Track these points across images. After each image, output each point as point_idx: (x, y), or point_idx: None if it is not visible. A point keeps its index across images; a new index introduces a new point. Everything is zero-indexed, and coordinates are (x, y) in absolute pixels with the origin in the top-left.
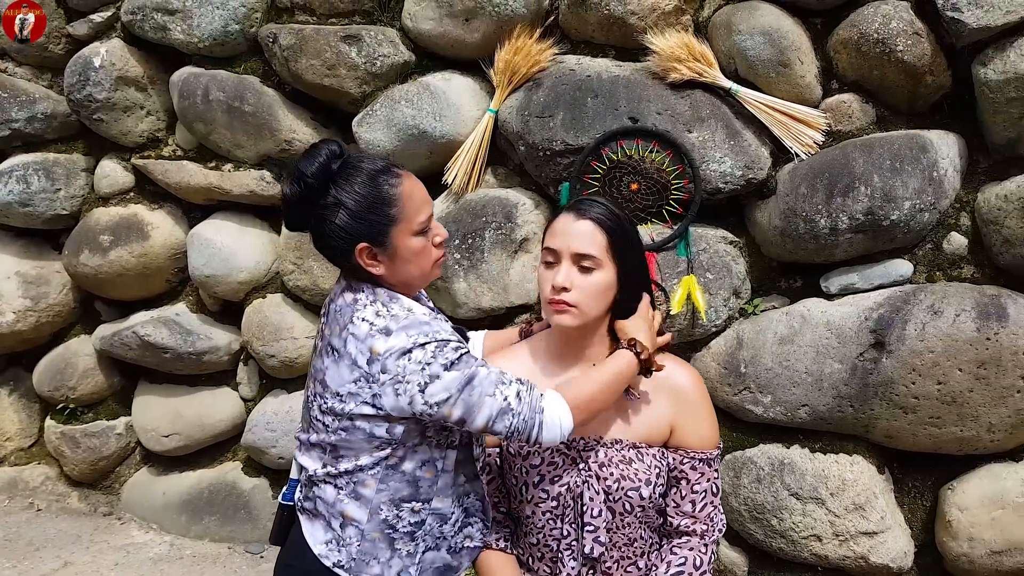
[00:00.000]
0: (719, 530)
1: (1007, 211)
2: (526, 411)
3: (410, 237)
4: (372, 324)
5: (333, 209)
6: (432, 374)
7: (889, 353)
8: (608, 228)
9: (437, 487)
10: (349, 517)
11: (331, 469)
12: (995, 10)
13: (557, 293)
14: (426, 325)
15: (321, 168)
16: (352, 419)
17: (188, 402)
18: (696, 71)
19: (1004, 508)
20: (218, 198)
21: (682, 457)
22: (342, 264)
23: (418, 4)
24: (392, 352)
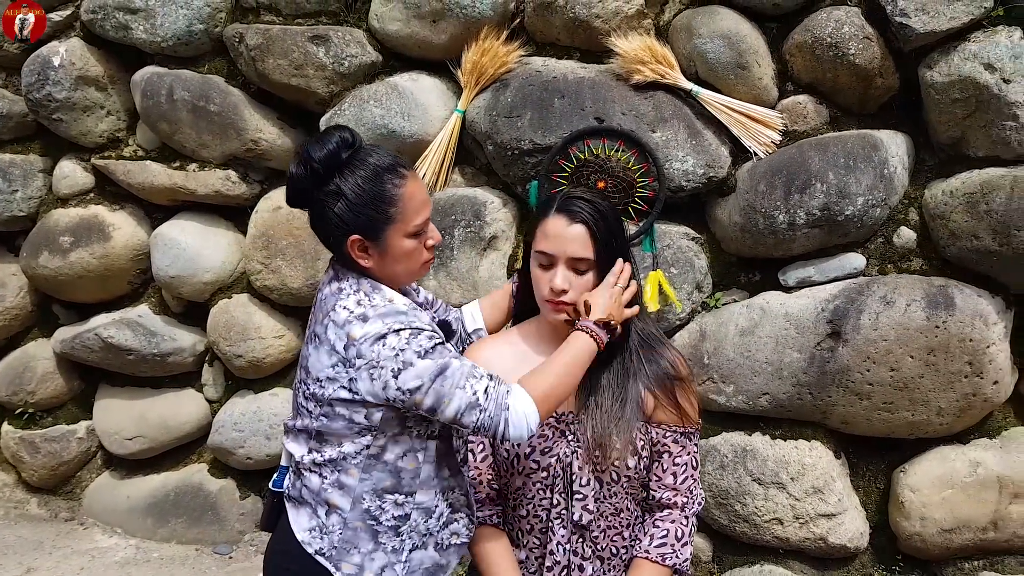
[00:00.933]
0: (698, 503)
1: (952, 206)
2: (492, 407)
3: (404, 238)
4: (351, 311)
5: (334, 197)
6: (406, 360)
7: (845, 342)
8: (599, 229)
9: (420, 479)
10: (333, 505)
11: (316, 456)
12: (940, 16)
13: (556, 295)
14: (403, 314)
15: (329, 155)
16: (332, 404)
17: (152, 404)
18: (659, 73)
19: (953, 488)
20: (182, 198)
21: (664, 431)
22: (333, 250)
23: (385, 5)
24: (368, 337)
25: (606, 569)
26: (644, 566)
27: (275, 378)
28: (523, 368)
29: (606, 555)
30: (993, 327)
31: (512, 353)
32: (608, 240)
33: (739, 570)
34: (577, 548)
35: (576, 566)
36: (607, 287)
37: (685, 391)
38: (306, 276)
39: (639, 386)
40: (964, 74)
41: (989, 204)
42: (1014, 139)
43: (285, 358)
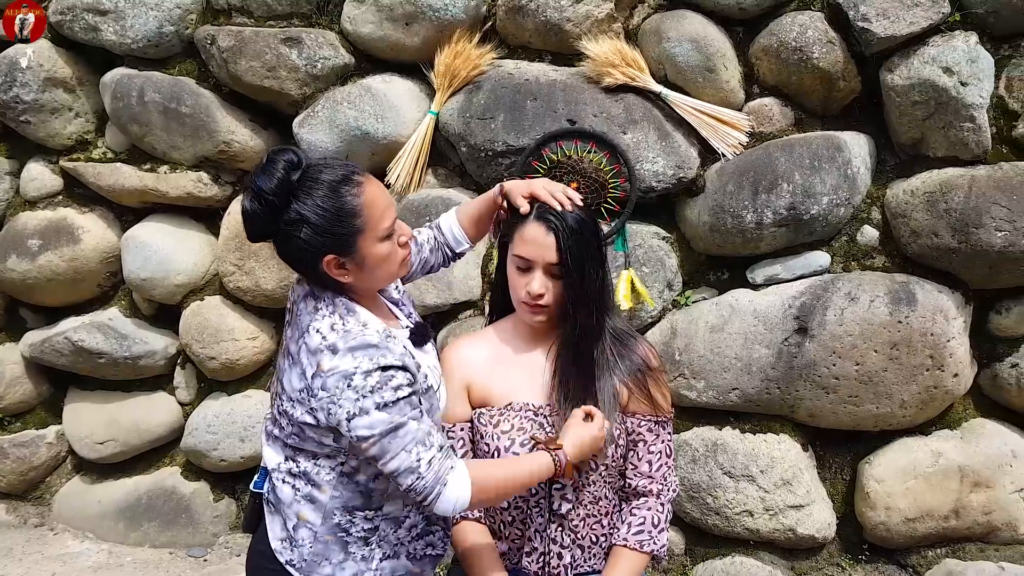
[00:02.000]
0: (673, 490)
1: (913, 205)
2: (430, 479)
3: (377, 244)
4: (324, 338)
5: (297, 225)
6: (363, 408)
7: (811, 338)
8: (576, 239)
9: (388, 493)
10: (303, 519)
11: (292, 466)
12: (900, 21)
13: (534, 299)
14: (374, 348)
15: (280, 183)
16: (300, 427)
17: (123, 408)
18: (629, 76)
19: (916, 478)
20: (153, 200)
21: (639, 420)
22: (308, 276)
23: (357, 8)
24: (335, 372)
25: (586, 557)
26: (623, 553)
27: (249, 380)
28: (500, 366)
29: (586, 543)
30: (953, 322)
31: (490, 351)
32: (585, 246)
33: (711, 562)
34: (556, 537)
35: (555, 554)
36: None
37: (657, 382)
38: (280, 277)
39: (614, 379)
40: (923, 77)
41: (948, 203)
42: (971, 140)
43: (259, 360)
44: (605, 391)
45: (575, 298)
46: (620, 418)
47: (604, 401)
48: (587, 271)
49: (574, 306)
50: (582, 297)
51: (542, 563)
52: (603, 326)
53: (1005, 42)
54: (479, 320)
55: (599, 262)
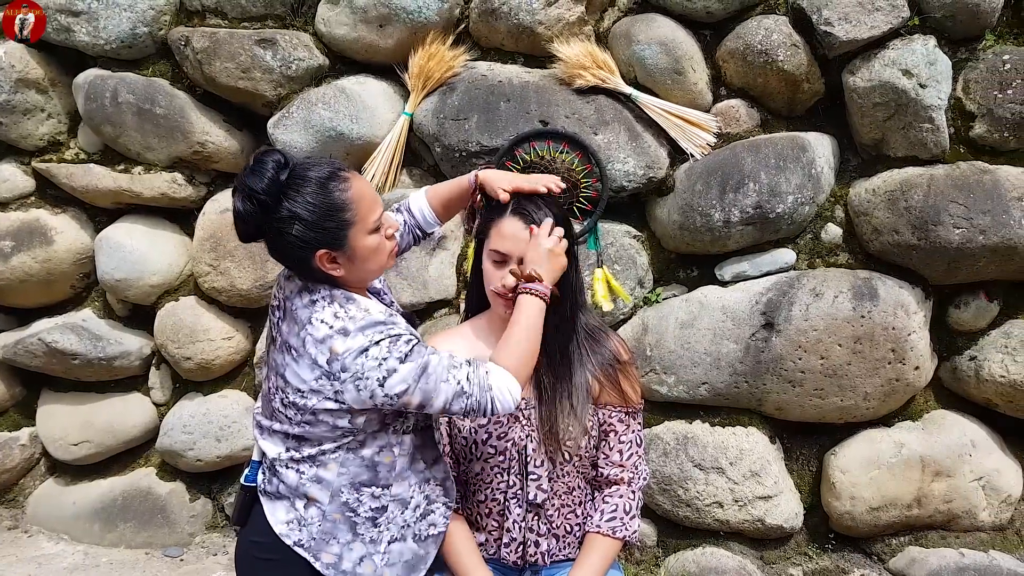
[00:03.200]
0: (644, 477)
1: (875, 203)
2: (476, 391)
3: (366, 236)
4: (331, 326)
5: (288, 222)
6: (389, 368)
7: (778, 332)
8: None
9: (395, 472)
10: (312, 498)
11: (294, 454)
12: (861, 25)
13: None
14: (381, 324)
15: (271, 182)
16: (315, 414)
17: (98, 409)
18: (600, 78)
19: (880, 468)
20: (127, 201)
21: (610, 412)
22: (301, 271)
23: (332, 10)
24: (351, 352)
25: (561, 546)
26: (597, 540)
27: (224, 380)
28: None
29: (561, 532)
30: (914, 316)
31: (466, 347)
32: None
33: (683, 553)
34: (533, 525)
35: (532, 542)
36: (537, 246)
37: (627, 375)
38: (255, 277)
39: (586, 373)
40: (884, 79)
41: (908, 201)
42: (930, 140)
43: (235, 360)
44: (579, 385)
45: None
46: (592, 410)
47: (579, 394)
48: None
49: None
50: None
51: (520, 553)
52: (576, 321)
53: (962, 45)
54: (454, 318)
55: (572, 259)
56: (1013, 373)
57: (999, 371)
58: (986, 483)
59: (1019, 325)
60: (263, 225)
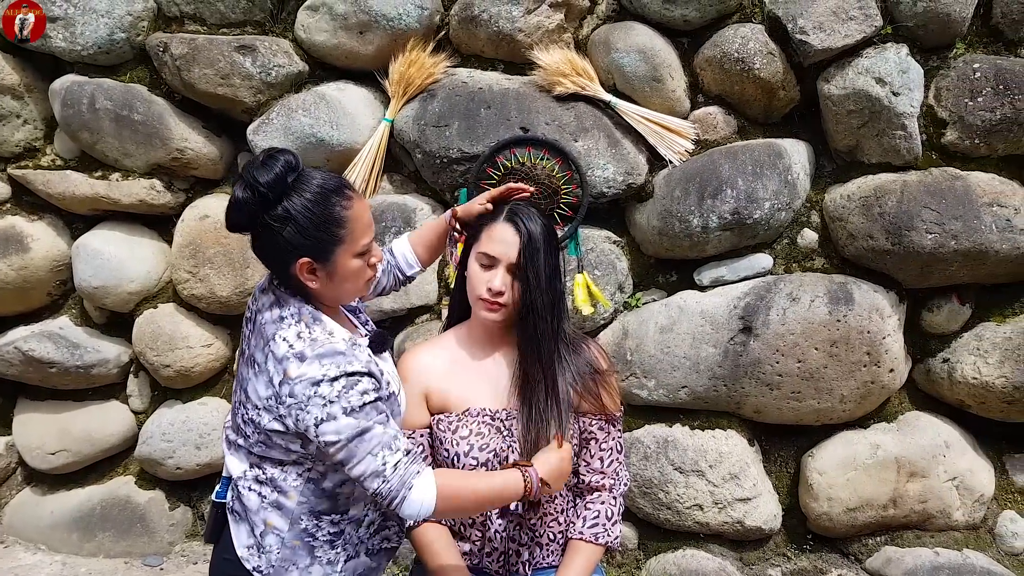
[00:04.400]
0: (625, 483)
1: (850, 209)
2: (395, 483)
3: (352, 258)
4: (291, 346)
5: (282, 221)
6: (330, 413)
7: (756, 336)
8: (539, 243)
9: (353, 498)
10: (271, 525)
11: (258, 473)
12: (835, 34)
13: (493, 296)
14: (341, 355)
15: (277, 179)
16: (269, 435)
17: (75, 417)
18: (579, 85)
19: (856, 470)
20: (105, 208)
21: (590, 420)
22: (278, 273)
23: (312, 16)
24: (303, 379)
25: (544, 554)
26: (579, 547)
27: (204, 387)
28: (458, 372)
29: (544, 540)
30: (888, 320)
31: (447, 358)
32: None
33: (663, 555)
34: (515, 535)
35: (514, 552)
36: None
37: (606, 382)
38: (235, 284)
39: (567, 383)
40: (858, 87)
41: (882, 207)
42: (903, 147)
43: (214, 367)
44: (561, 394)
45: (534, 299)
46: (573, 419)
47: (561, 404)
48: (547, 273)
49: (532, 307)
50: (540, 298)
51: (503, 562)
52: (559, 330)
53: (934, 54)
54: (436, 324)
55: (557, 267)
56: (985, 375)
57: (971, 373)
58: (960, 483)
59: (990, 328)
60: (256, 219)
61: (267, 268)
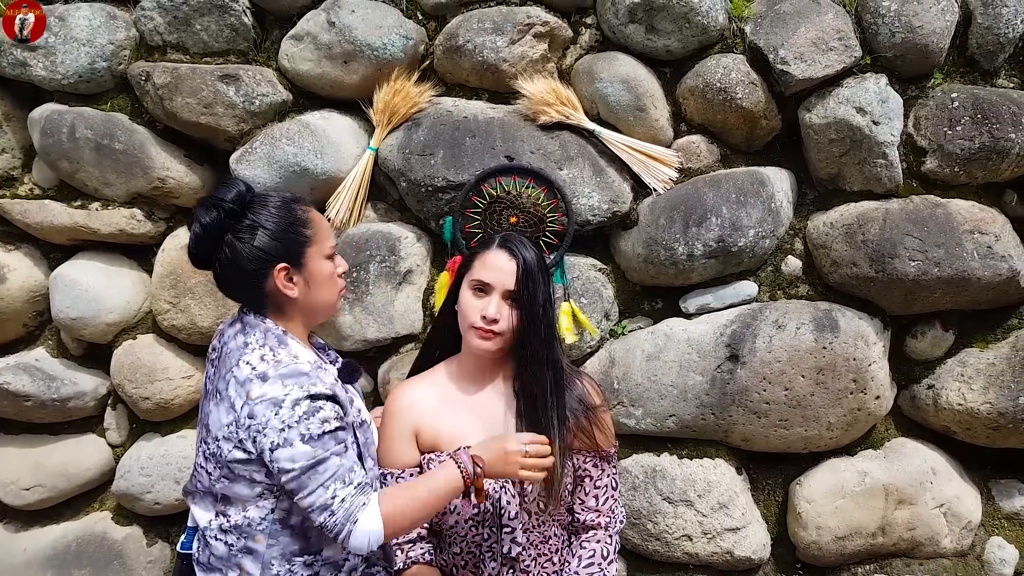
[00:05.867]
0: (620, 521)
1: (833, 236)
2: (340, 517)
3: (323, 260)
4: (254, 368)
5: (251, 231)
6: (287, 439)
7: (743, 364)
8: (534, 269)
9: (326, 538)
10: (244, 569)
11: (223, 521)
12: (816, 64)
13: (488, 324)
14: (304, 376)
15: (239, 195)
16: (231, 467)
17: (51, 451)
18: (563, 114)
19: (844, 497)
20: (84, 238)
21: (584, 457)
22: (251, 296)
23: (296, 45)
24: (263, 399)
25: None
26: None
27: (183, 420)
28: (448, 408)
29: None
30: (873, 346)
31: (438, 393)
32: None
33: None
34: None
35: None
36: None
37: (599, 419)
38: (217, 315)
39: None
40: (839, 117)
41: (865, 235)
42: (884, 175)
43: (194, 399)
44: (558, 426)
45: (531, 326)
46: (568, 455)
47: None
48: (541, 301)
49: (529, 335)
50: (537, 326)
51: None
52: (555, 358)
53: (912, 83)
54: None
55: (550, 294)
56: (970, 401)
57: (956, 399)
58: (947, 510)
59: (974, 354)
60: (222, 240)
61: (236, 299)
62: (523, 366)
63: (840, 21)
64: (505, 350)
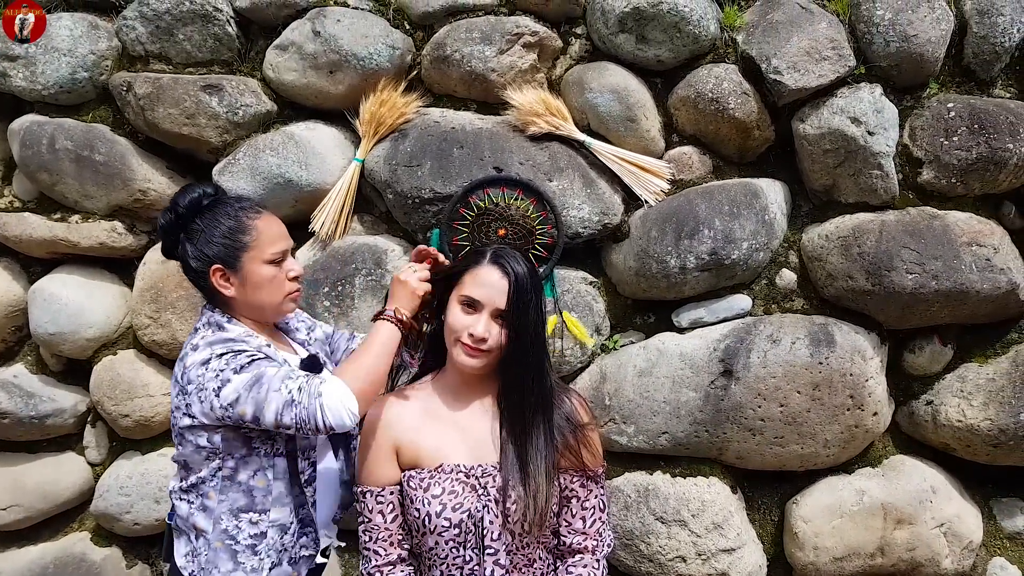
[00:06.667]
0: (608, 544)
1: (829, 249)
2: (306, 400)
3: (261, 265)
4: (193, 344)
5: (195, 234)
6: (224, 379)
7: (737, 380)
8: (526, 287)
9: (272, 496)
10: (199, 528)
11: (183, 483)
12: (809, 73)
13: (476, 342)
14: (231, 341)
15: (193, 201)
16: (182, 434)
17: (28, 470)
18: (553, 125)
19: (842, 517)
20: (63, 251)
21: (572, 477)
22: (201, 287)
23: (280, 55)
24: (195, 364)
25: None
26: None
27: (164, 437)
28: (430, 424)
29: None
30: (870, 362)
31: (419, 408)
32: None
33: None
34: None
35: None
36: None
37: (588, 437)
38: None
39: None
40: (833, 127)
41: (861, 247)
42: (880, 187)
43: None
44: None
45: (520, 346)
46: (554, 474)
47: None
48: (532, 320)
49: (518, 354)
50: (524, 345)
51: None
52: (543, 377)
53: (907, 93)
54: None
55: (541, 312)
56: (970, 417)
57: (956, 415)
58: (947, 529)
59: (973, 369)
60: (178, 238)
61: (195, 287)
62: (510, 383)
63: (833, 30)
64: (492, 366)
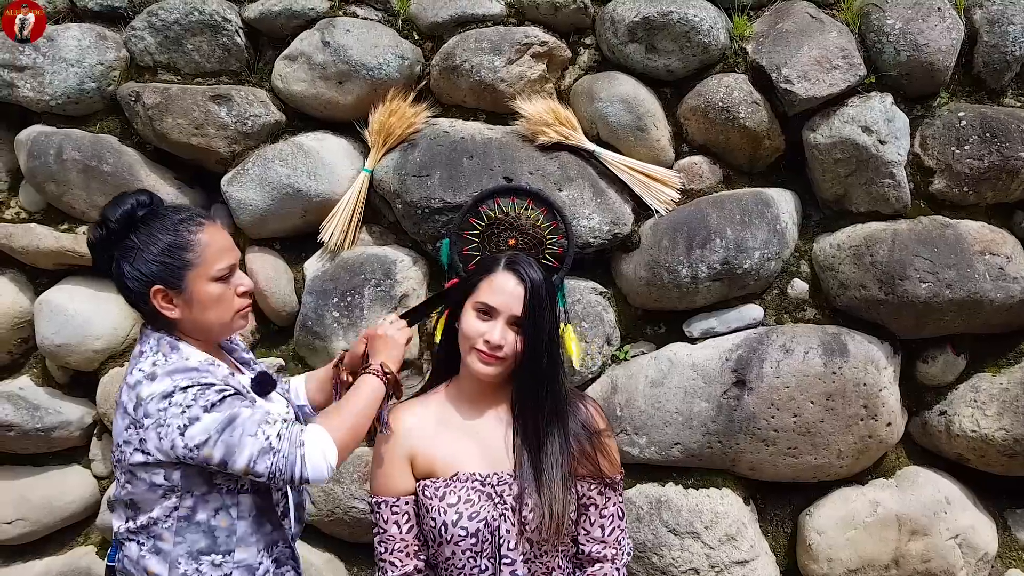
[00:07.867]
0: (627, 553)
1: (840, 258)
2: (286, 447)
3: (207, 283)
4: (144, 372)
5: (131, 252)
6: (192, 416)
7: (750, 390)
8: (542, 294)
9: (237, 536)
10: (152, 573)
11: (131, 524)
12: (820, 83)
13: (492, 349)
14: (194, 371)
15: (125, 214)
16: (132, 471)
17: (34, 483)
18: (562, 135)
19: (856, 528)
20: (70, 262)
21: (589, 484)
22: (141, 309)
23: (289, 66)
24: (154, 396)
25: None
26: None
27: None
28: (445, 433)
29: None
30: (884, 371)
31: (434, 417)
32: (546, 306)
33: None
34: None
35: None
36: (383, 336)
37: (604, 443)
38: None
39: (565, 443)
40: (844, 136)
41: (873, 256)
42: (892, 196)
43: None
44: (561, 454)
45: (536, 353)
46: (571, 482)
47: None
48: (547, 327)
49: (533, 361)
50: (539, 353)
51: None
52: (558, 385)
53: (918, 102)
54: (416, 380)
55: (556, 319)
56: (984, 427)
57: (970, 426)
58: (962, 541)
59: (986, 379)
60: (110, 254)
61: (131, 306)
62: (525, 391)
63: (844, 39)
64: (506, 374)
